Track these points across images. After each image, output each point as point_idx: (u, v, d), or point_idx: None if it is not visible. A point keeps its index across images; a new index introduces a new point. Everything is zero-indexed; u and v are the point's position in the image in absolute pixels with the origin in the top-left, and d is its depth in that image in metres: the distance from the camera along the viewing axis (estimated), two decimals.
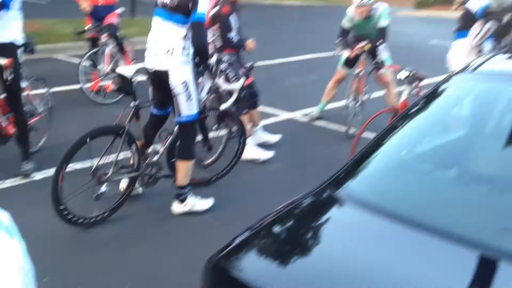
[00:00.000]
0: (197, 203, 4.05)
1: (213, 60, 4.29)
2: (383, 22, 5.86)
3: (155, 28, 3.85)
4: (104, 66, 6.90)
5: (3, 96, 4.47)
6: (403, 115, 2.40)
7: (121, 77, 3.85)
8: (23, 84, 4.65)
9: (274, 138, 5.56)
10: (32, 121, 4.83)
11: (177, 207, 4.03)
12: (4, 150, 4.64)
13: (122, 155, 3.87)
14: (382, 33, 5.88)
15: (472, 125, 2.43)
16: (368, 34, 5.97)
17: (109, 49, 6.94)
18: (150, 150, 4.14)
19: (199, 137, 4.26)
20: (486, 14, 3.82)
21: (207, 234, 3.76)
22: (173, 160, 4.15)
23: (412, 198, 1.93)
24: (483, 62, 2.37)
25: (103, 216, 3.79)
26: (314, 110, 6.59)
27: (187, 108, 3.82)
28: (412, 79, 4.61)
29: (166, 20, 3.75)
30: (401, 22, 20.13)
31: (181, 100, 3.79)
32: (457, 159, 2.22)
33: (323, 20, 18.40)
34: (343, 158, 5.03)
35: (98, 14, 7.12)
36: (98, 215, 3.76)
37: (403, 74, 4.57)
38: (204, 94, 4.20)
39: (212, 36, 4.98)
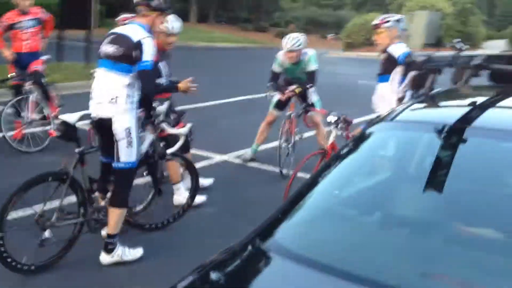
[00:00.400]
0: (127, 252, 3.94)
1: (160, 109, 4.27)
2: (312, 67, 6.09)
3: (99, 78, 3.89)
4: (29, 114, 6.70)
5: None
6: (330, 161, 2.48)
7: (65, 124, 3.88)
8: None
9: (207, 181, 5.54)
10: None
11: (105, 258, 3.89)
12: None
13: (66, 201, 3.86)
14: (311, 77, 6.11)
15: (394, 171, 2.53)
16: (298, 78, 6.18)
17: (34, 96, 6.75)
18: (96, 195, 4.09)
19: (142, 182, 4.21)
20: (407, 62, 4.04)
21: (140, 283, 3.65)
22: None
23: (337, 247, 1.97)
24: (403, 111, 2.50)
25: (45, 264, 3.73)
26: (247, 152, 6.66)
27: (126, 154, 3.81)
28: (340, 122, 4.75)
29: (110, 69, 3.80)
30: (331, 63, 20.95)
31: (122, 146, 3.79)
32: (380, 204, 2.30)
33: (256, 61, 18.83)
34: (277, 199, 5.10)
35: (22, 61, 6.96)
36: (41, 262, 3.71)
37: (331, 118, 4.71)
38: (145, 146, 4.13)
39: None
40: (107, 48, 3.85)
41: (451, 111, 2.57)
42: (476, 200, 2.17)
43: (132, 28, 3.89)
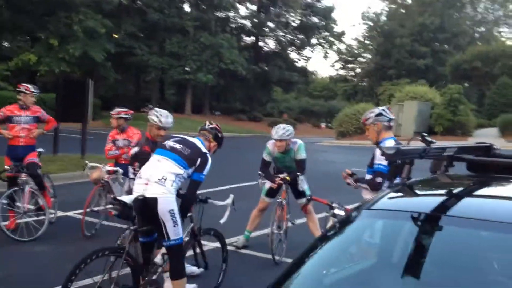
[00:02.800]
0: None
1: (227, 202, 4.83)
2: (301, 156, 6.31)
3: (153, 161, 4.35)
4: (24, 204, 6.79)
5: None
6: (320, 239, 2.57)
7: (123, 204, 4.25)
8: None
9: (198, 270, 5.52)
10: None
11: None
12: None
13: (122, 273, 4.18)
14: (300, 166, 6.31)
15: (376, 257, 2.62)
16: (287, 167, 6.38)
17: (29, 187, 6.87)
18: (148, 268, 4.41)
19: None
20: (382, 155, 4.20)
21: None
22: None
23: None
24: (380, 199, 2.63)
25: None
26: (239, 239, 6.69)
27: (174, 233, 4.21)
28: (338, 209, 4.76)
29: (169, 158, 4.28)
30: (324, 151, 21.32)
31: (169, 226, 4.17)
32: None
33: (249, 150, 19.20)
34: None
35: (18, 154, 7.12)
36: None
37: (338, 211, 4.64)
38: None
39: (133, 173, 5.18)
40: (175, 144, 4.40)
41: (427, 200, 2.70)
42: (453, 286, 2.25)
43: (198, 141, 4.54)
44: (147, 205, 4.14)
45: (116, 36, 39.44)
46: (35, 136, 7.32)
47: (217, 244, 5.33)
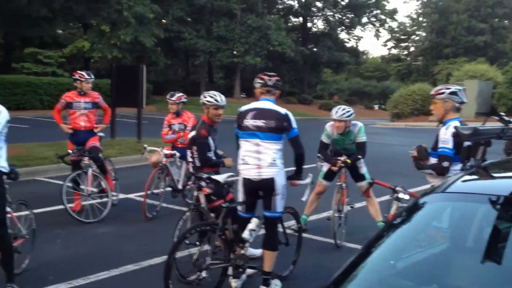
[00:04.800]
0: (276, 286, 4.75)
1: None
2: (361, 138, 6.23)
3: (250, 147, 4.62)
4: (87, 187, 7.03)
5: None
6: (387, 228, 2.53)
7: (215, 182, 4.76)
8: (8, 208, 4.70)
9: (259, 251, 5.56)
10: (16, 243, 4.81)
11: None
12: None
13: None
14: (361, 149, 6.23)
15: (450, 242, 2.55)
16: (346, 149, 6.30)
17: (92, 170, 7.10)
18: (239, 244, 4.70)
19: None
20: (454, 135, 4.06)
21: None
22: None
23: None
24: (454, 182, 2.56)
25: None
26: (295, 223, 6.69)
27: (280, 205, 4.64)
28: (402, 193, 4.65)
29: (265, 139, 4.57)
30: (378, 134, 20.94)
31: (278, 199, 4.60)
32: (437, 275, 2.32)
33: (301, 132, 19.10)
34: (329, 269, 5.07)
35: (79, 138, 7.36)
36: None
37: (402, 195, 4.55)
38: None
39: (191, 156, 5.25)
40: (256, 122, 4.60)
41: (505, 182, 2.60)
42: None
43: (271, 103, 4.69)
44: (263, 184, 4.55)
45: (165, 21, 39.87)
46: (99, 131, 7.56)
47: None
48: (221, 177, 4.80)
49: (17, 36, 34.64)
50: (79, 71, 7.57)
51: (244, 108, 4.80)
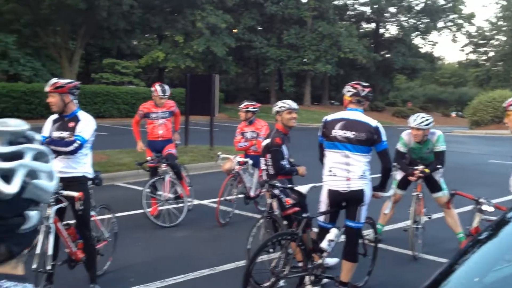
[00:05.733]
0: None
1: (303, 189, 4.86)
2: (440, 147, 6.00)
3: (338, 158, 4.57)
4: (165, 193, 7.27)
5: (73, 224, 4.75)
6: (472, 244, 2.43)
7: (299, 193, 4.79)
8: (92, 212, 4.95)
9: (333, 260, 5.52)
10: (99, 246, 5.06)
11: None
12: (73, 274, 4.81)
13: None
14: (440, 158, 6.01)
15: None
16: (423, 158, 6.11)
17: (169, 176, 7.34)
18: (317, 254, 4.70)
19: None
20: None
21: None
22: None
23: None
24: None
25: None
26: (371, 232, 6.57)
27: (363, 216, 4.64)
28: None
29: (354, 151, 4.51)
30: (457, 142, 20.18)
31: (363, 210, 4.60)
32: None
33: None
34: (407, 280, 4.95)
35: (158, 146, 7.63)
36: None
37: (486, 207, 4.38)
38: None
39: (264, 164, 5.30)
40: (345, 133, 4.53)
41: None
42: None
43: (361, 114, 4.63)
44: (349, 196, 4.54)
45: (236, 31, 40.57)
46: (176, 139, 7.85)
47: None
48: (304, 188, 4.79)
49: (96, 47, 36.50)
50: (156, 86, 7.74)
51: (330, 117, 4.73)
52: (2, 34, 26.79)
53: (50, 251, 4.21)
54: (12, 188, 0.81)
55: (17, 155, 0.84)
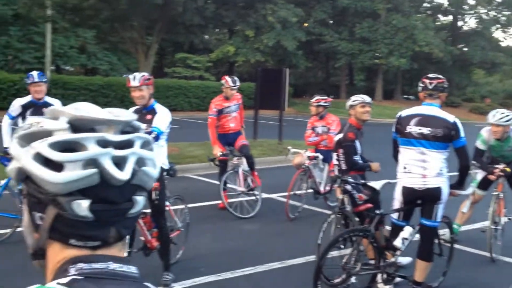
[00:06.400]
0: None
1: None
2: None
3: (413, 155, 4.45)
4: (239, 185, 7.39)
5: (148, 213, 4.92)
6: None
7: (371, 189, 4.74)
8: (166, 202, 5.09)
9: (406, 260, 5.37)
10: (172, 235, 5.20)
11: None
12: (148, 261, 4.98)
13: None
14: None
15: None
16: (504, 156, 5.82)
17: (242, 169, 7.41)
18: (389, 252, 4.65)
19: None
20: None
21: None
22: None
23: None
24: None
25: None
26: (447, 232, 6.34)
27: (440, 215, 4.52)
28: None
29: (431, 148, 4.39)
30: None
31: (440, 208, 4.48)
32: None
33: None
34: (485, 284, 4.74)
35: (230, 139, 7.70)
36: None
37: None
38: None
39: (337, 159, 5.24)
40: (421, 129, 4.41)
41: None
42: None
43: (437, 109, 4.48)
44: (425, 194, 4.43)
45: (307, 25, 40.28)
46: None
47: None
48: (378, 184, 4.71)
49: (170, 42, 37.51)
50: (226, 77, 7.83)
51: (405, 113, 4.62)
52: (82, 30, 28.13)
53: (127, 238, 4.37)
54: (124, 174, 0.86)
55: (128, 144, 0.89)
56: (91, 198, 0.84)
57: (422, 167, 4.41)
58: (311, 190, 7.58)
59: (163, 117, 4.73)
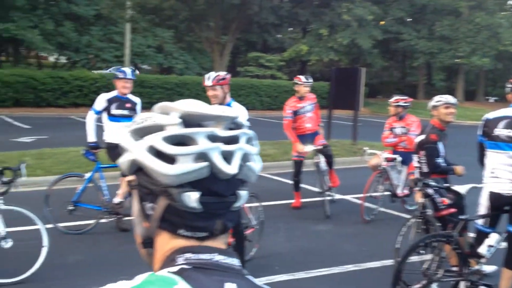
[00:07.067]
0: None
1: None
2: None
3: (502, 159, 4.32)
4: (322, 184, 7.36)
5: None
6: None
7: (455, 193, 4.58)
8: None
9: (491, 268, 5.09)
10: (247, 232, 5.23)
11: None
12: None
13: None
14: None
15: None
16: None
17: (320, 168, 7.35)
18: (473, 259, 4.47)
19: None
20: None
21: None
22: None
23: None
24: None
25: None
26: None
27: None
28: None
29: None
30: None
31: None
32: None
33: None
34: None
35: (307, 140, 7.54)
36: None
37: None
38: None
39: (418, 161, 5.05)
40: (510, 132, 4.26)
41: None
42: None
43: None
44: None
45: (383, 23, 39.34)
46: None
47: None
48: (462, 188, 4.52)
49: (243, 41, 37.93)
50: (299, 76, 7.81)
51: (492, 115, 4.44)
52: (160, 29, 29.07)
53: None
54: (232, 168, 0.89)
55: (235, 139, 0.92)
56: (200, 190, 0.88)
57: (510, 172, 4.21)
58: (387, 193, 7.37)
59: (239, 114, 4.76)
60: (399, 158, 7.17)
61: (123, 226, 6.22)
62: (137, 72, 21.92)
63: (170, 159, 0.87)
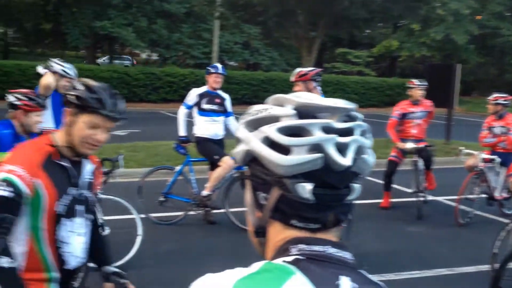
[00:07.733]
0: None
1: None
2: None
3: None
4: (415, 183, 7.11)
5: None
6: None
7: None
8: None
9: None
10: None
11: None
12: None
13: None
14: None
15: None
16: None
17: (418, 168, 7.11)
18: None
19: None
20: None
21: None
22: None
23: None
24: None
25: None
26: None
27: None
28: None
29: None
30: None
31: None
32: None
33: None
34: None
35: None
36: None
37: None
38: None
39: None
40: None
41: None
42: None
43: None
44: None
45: (480, 17, 37.27)
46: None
47: None
48: None
49: (329, 37, 37.46)
50: (412, 80, 7.56)
51: None
52: (247, 26, 29.42)
53: None
54: (347, 160, 0.87)
55: (349, 131, 0.90)
56: (313, 181, 0.87)
57: None
58: (484, 195, 6.96)
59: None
60: (497, 159, 6.75)
61: (211, 219, 6.35)
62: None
63: (284, 149, 0.87)
